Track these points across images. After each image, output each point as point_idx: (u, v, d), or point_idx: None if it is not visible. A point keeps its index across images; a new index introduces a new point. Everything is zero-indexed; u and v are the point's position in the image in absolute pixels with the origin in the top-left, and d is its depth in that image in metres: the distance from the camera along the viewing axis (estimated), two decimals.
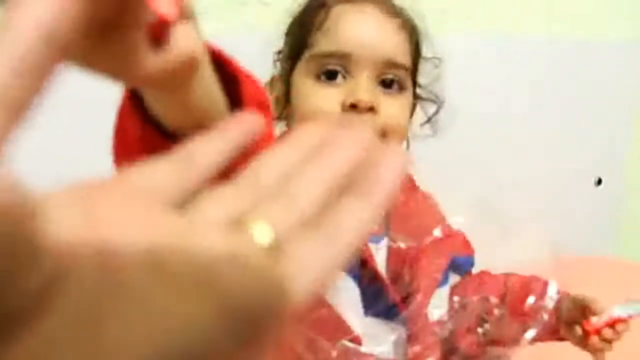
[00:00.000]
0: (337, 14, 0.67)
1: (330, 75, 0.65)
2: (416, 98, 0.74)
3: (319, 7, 0.68)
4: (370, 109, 0.63)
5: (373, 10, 0.67)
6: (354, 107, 0.63)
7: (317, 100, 0.64)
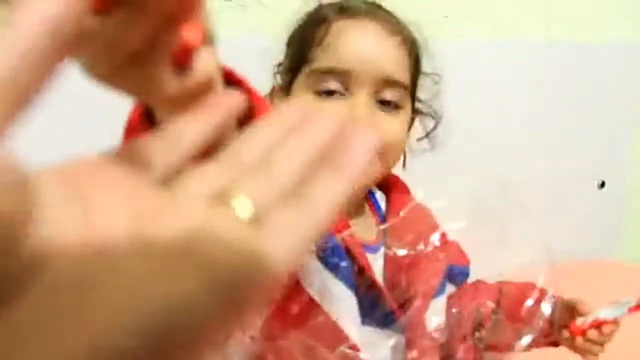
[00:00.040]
0: (338, 29, 0.67)
1: (329, 92, 0.65)
2: (415, 113, 0.75)
3: (319, 22, 0.68)
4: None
5: (374, 26, 0.67)
6: None
7: None
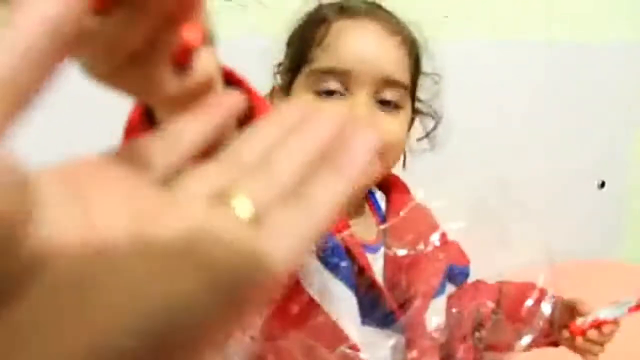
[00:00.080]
0: (338, 29, 0.67)
1: (330, 92, 0.65)
2: (415, 113, 0.75)
3: (319, 21, 0.68)
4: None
5: (374, 26, 0.67)
6: None
7: None
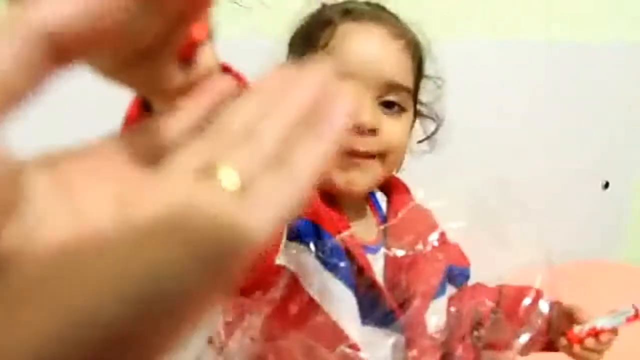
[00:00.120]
0: (343, 32, 0.67)
1: None
2: (416, 115, 0.75)
3: (324, 24, 0.68)
4: (372, 131, 0.65)
5: (379, 30, 0.67)
6: (356, 128, 0.64)
7: None
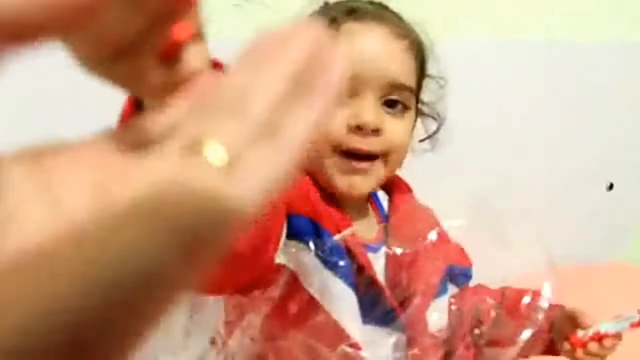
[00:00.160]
0: (346, 32, 0.67)
1: None
2: (418, 114, 0.75)
3: (328, 23, 0.68)
4: (375, 131, 0.65)
5: (382, 30, 0.68)
6: (359, 128, 0.64)
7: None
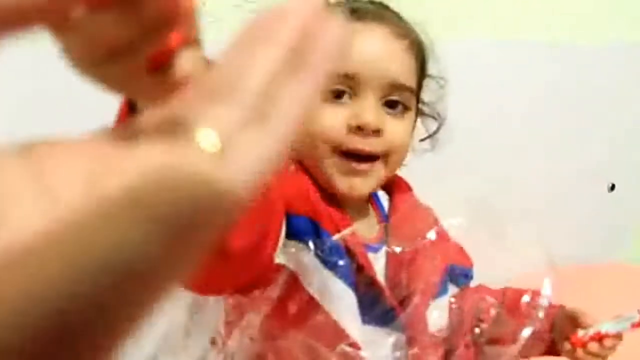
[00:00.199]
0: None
1: (337, 94, 0.66)
2: (418, 114, 0.75)
3: None
4: (376, 132, 0.65)
5: (382, 30, 0.68)
6: (360, 129, 0.64)
7: (324, 120, 0.65)
